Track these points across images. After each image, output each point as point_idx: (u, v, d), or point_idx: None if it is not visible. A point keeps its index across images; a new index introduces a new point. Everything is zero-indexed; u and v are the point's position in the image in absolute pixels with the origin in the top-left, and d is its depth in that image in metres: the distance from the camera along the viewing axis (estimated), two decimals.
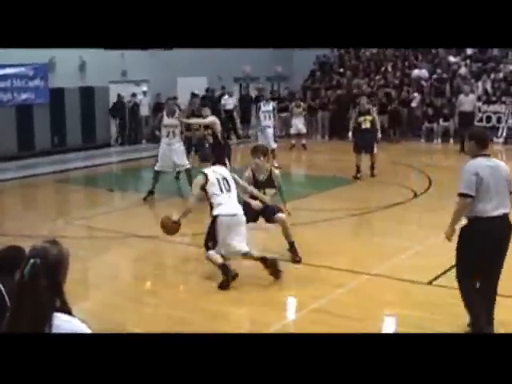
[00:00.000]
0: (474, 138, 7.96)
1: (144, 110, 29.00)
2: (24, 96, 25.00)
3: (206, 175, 10.38)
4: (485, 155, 7.81)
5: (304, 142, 26.45)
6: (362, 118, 19.24)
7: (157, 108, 27.97)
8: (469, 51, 31.22)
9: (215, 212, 10.15)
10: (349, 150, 19.84)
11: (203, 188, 10.32)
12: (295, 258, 11.18)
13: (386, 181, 18.91)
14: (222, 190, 10.26)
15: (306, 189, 18.60)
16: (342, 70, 33.72)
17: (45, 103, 25.51)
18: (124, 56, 26.98)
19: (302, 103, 27.89)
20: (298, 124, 27.03)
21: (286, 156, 23.24)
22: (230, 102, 30.52)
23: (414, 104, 29.13)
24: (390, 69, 31.94)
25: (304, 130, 27.21)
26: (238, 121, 30.41)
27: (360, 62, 33.56)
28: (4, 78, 24.37)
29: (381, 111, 28.32)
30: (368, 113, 19.40)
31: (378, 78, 31.22)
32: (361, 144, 19.17)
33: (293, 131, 27.23)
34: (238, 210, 10.27)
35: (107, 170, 23.45)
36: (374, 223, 14.43)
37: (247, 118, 31.05)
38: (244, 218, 10.28)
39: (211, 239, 10.23)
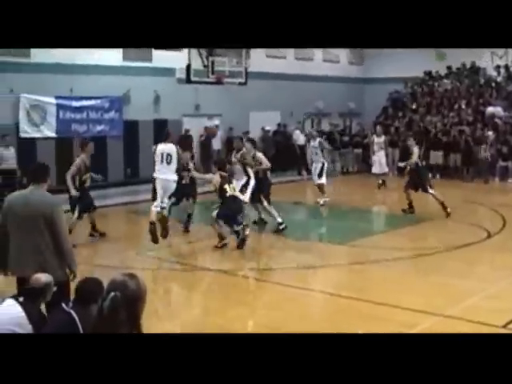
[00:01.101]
0: None
1: (216, 144, 29.14)
2: (99, 128, 25.45)
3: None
4: None
5: (384, 180, 25.37)
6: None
7: (228, 142, 28.19)
8: None
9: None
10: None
11: None
12: None
13: (459, 220, 18.57)
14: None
15: (376, 226, 18.48)
16: (414, 106, 33.48)
17: (119, 135, 25.88)
18: (197, 90, 27.26)
19: (383, 136, 26.47)
20: (381, 161, 25.67)
21: (354, 191, 23.02)
22: (301, 138, 30.55)
23: (488, 143, 28.71)
24: (463, 106, 31.54)
25: (386, 169, 26.11)
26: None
27: (433, 99, 33.25)
28: (80, 109, 24.86)
29: (453, 149, 28.13)
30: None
31: (451, 115, 30.83)
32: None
33: (375, 170, 25.88)
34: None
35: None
36: (446, 263, 14.08)
37: None
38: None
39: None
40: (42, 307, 7.05)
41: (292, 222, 19.02)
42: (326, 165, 21.11)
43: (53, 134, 24.25)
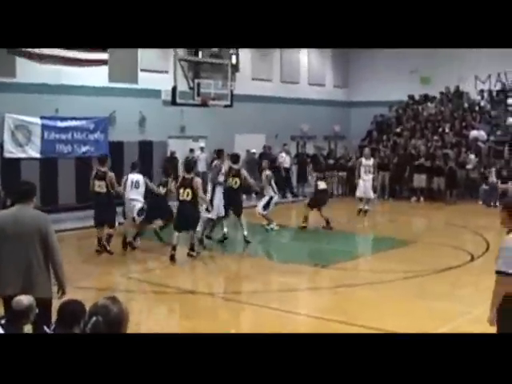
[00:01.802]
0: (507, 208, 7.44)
1: (201, 166, 29.09)
2: (84, 149, 25.32)
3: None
4: None
5: (367, 207, 23.82)
6: None
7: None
8: None
9: None
10: (405, 211, 19.68)
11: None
12: None
13: (443, 243, 18.62)
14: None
15: (360, 249, 18.47)
16: (398, 130, 33.60)
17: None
18: (183, 112, 27.23)
19: (372, 158, 24.40)
20: (367, 185, 23.51)
21: (339, 214, 23.00)
22: (287, 160, 30.60)
23: (469, 166, 28.84)
24: (447, 129, 31.69)
25: (371, 194, 24.11)
26: (293, 179, 30.50)
27: (417, 122, 33.38)
28: (65, 130, 24.73)
29: (437, 172, 28.26)
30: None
31: (435, 138, 30.95)
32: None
33: (358, 194, 23.93)
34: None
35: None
36: (430, 286, 14.08)
37: (303, 176, 31.00)
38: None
39: None
40: (29, 327, 6.98)
41: (277, 245, 19.02)
42: (274, 199, 20.75)
43: (37, 155, 24.08)
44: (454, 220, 23.29)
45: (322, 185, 20.29)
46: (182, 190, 16.15)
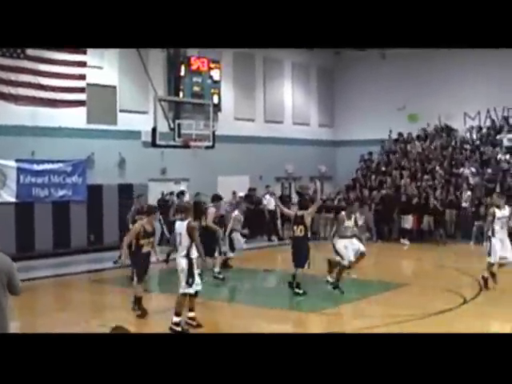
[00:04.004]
0: None
1: None
2: (61, 192, 24.67)
3: None
4: None
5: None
6: None
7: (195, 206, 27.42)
8: None
9: None
10: (395, 254, 19.01)
11: None
12: None
13: (434, 285, 18.23)
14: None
15: (349, 294, 17.71)
16: (383, 168, 33.01)
17: (82, 200, 25.04)
18: (164, 154, 26.60)
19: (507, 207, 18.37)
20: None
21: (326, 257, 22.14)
22: (271, 202, 29.86)
23: (465, 204, 28.23)
24: (437, 168, 31.10)
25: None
26: (278, 221, 29.66)
27: (406, 161, 32.79)
28: (42, 173, 24.10)
29: (426, 212, 27.71)
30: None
31: (426, 177, 30.34)
32: None
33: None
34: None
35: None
36: (420, 331, 13.33)
37: (288, 218, 30.18)
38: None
39: None
40: None
41: (263, 290, 18.41)
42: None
43: (13, 199, 23.36)
44: (446, 261, 22.88)
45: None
46: (295, 227, 16.88)
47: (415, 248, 26.83)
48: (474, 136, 32.98)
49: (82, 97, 24.51)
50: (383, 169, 33.07)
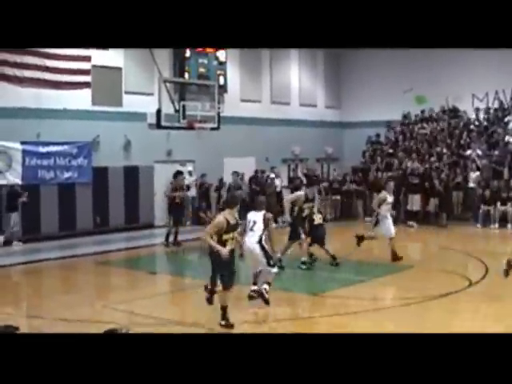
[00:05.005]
0: None
1: (191, 192, 28.21)
2: (67, 174, 24.51)
3: None
4: None
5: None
6: None
7: (203, 188, 27.39)
8: None
9: None
10: (401, 236, 18.89)
11: None
12: None
13: (440, 268, 18.05)
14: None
15: (354, 276, 17.66)
16: (391, 150, 32.78)
17: (88, 182, 24.94)
18: (169, 135, 26.46)
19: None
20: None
21: (332, 239, 22.02)
22: (277, 184, 29.71)
23: (472, 184, 28.08)
24: (444, 149, 30.87)
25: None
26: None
27: (413, 142, 32.55)
28: (47, 155, 23.93)
29: (432, 194, 27.60)
30: None
31: (432, 159, 30.14)
32: None
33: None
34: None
35: (150, 251, 22.60)
36: (427, 313, 13.54)
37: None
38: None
39: None
40: None
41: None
42: None
43: (18, 181, 23.21)
44: (452, 244, 22.76)
45: (317, 219, 18.82)
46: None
47: (421, 230, 26.69)
48: (481, 117, 32.69)
49: (87, 78, 24.39)
50: (390, 151, 32.84)
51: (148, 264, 20.48)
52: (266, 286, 13.62)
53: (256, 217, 13.70)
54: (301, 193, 18.49)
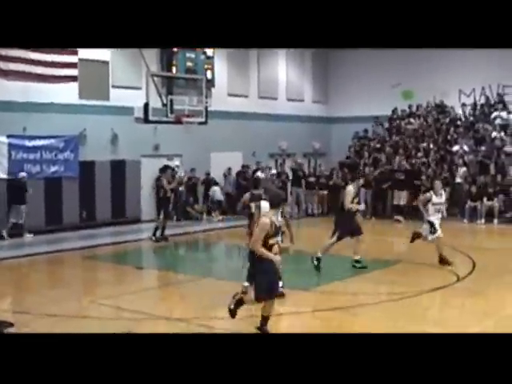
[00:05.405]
0: None
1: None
2: (53, 168, 24.42)
3: None
4: None
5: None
6: None
7: (191, 182, 27.35)
8: None
9: None
10: (388, 231, 18.84)
11: None
12: None
13: (428, 263, 17.95)
14: None
15: (341, 271, 17.64)
16: (378, 145, 32.82)
17: (74, 176, 24.83)
18: (157, 129, 26.38)
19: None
20: None
21: (319, 234, 22.00)
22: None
23: (459, 179, 28.13)
24: (431, 145, 30.95)
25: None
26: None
27: (400, 138, 32.57)
28: (34, 149, 23.82)
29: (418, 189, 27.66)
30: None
31: (419, 155, 30.20)
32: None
33: None
34: None
35: (137, 246, 22.53)
36: (413, 309, 13.48)
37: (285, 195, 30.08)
38: None
39: None
40: None
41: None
42: None
43: (4, 175, 23.12)
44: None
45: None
46: None
47: (409, 225, 26.69)
48: (467, 113, 32.77)
49: (74, 72, 24.23)
50: (377, 146, 32.87)
51: (135, 259, 20.43)
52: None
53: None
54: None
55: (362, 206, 18.17)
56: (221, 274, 17.46)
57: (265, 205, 11.71)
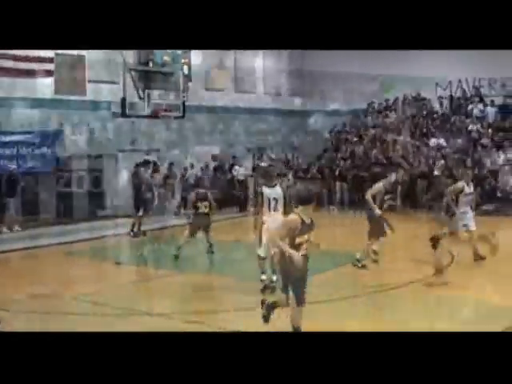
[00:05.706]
0: None
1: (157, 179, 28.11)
2: (30, 164, 24.30)
3: None
4: None
5: None
6: None
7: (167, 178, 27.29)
8: (490, 119, 30.51)
9: None
10: (365, 223, 18.67)
11: None
12: None
13: (405, 256, 18.15)
14: None
15: (322, 264, 17.62)
16: (355, 139, 32.92)
17: (51, 172, 24.70)
18: (134, 124, 26.29)
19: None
20: None
21: None
22: (241, 173, 29.74)
23: (437, 172, 28.23)
24: (408, 138, 31.08)
25: None
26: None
27: (378, 131, 32.68)
28: (9, 145, 23.72)
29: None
30: None
31: (397, 147, 30.30)
32: None
33: None
34: None
35: (115, 241, 22.44)
36: (392, 302, 13.55)
37: None
38: None
39: None
40: None
41: (233, 262, 18.23)
42: None
43: None
44: (417, 232, 22.70)
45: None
46: None
47: (387, 218, 26.74)
48: (445, 106, 32.98)
49: (49, 66, 24.11)
50: (355, 139, 32.96)
51: (113, 254, 20.36)
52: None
53: (275, 194, 12.99)
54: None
55: None
56: (201, 268, 17.44)
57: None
